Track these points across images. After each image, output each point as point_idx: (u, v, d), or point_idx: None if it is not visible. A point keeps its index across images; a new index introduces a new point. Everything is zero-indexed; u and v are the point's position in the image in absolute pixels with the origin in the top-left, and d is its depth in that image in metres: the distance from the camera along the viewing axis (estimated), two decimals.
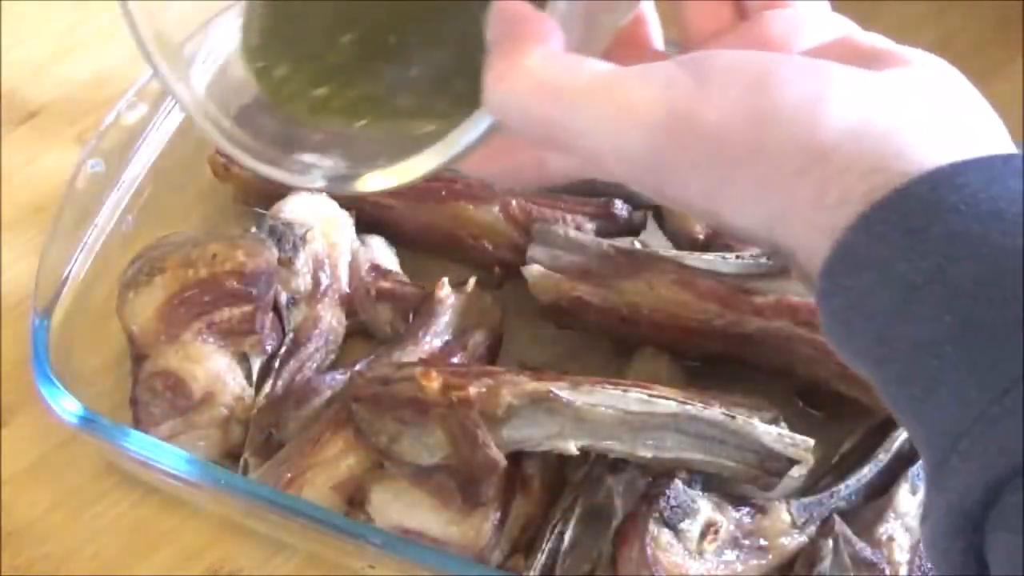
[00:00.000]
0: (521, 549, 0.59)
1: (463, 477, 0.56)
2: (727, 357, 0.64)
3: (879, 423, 0.63)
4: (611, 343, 0.67)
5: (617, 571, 0.58)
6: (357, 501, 0.60)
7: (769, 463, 0.58)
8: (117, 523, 0.65)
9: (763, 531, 0.59)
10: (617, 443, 0.57)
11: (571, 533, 0.58)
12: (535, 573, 0.57)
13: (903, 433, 0.63)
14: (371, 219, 0.71)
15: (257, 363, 0.65)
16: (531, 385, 0.57)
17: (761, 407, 0.59)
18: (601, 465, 0.60)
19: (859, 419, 0.64)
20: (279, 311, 0.66)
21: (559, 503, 0.60)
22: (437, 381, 0.57)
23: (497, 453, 0.56)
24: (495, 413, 0.57)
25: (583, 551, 0.59)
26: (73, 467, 0.66)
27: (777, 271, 0.62)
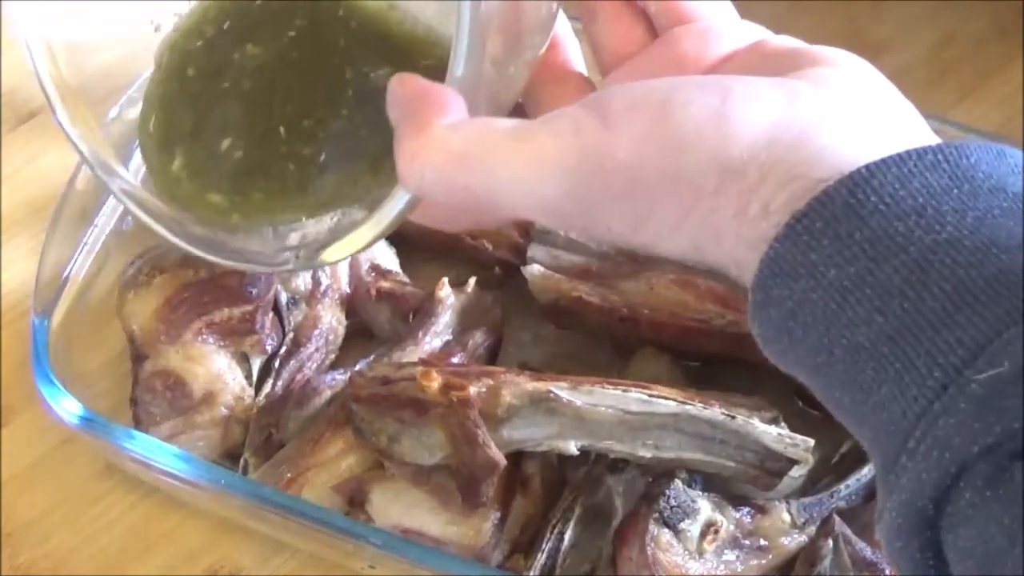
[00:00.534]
0: (521, 549, 0.59)
1: (463, 477, 0.56)
2: (727, 357, 0.64)
3: None
4: (611, 343, 0.67)
5: (617, 571, 0.58)
6: (357, 501, 0.60)
7: (769, 463, 0.58)
8: (117, 523, 0.65)
9: (763, 531, 0.59)
10: (617, 443, 0.57)
11: (571, 533, 0.58)
12: (535, 573, 0.57)
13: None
14: None
15: (257, 363, 0.65)
16: (531, 385, 0.57)
17: (761, 407, 0.59)
18: (601, 465, 0.60)
19: None
20: (279, 311, 0.66)
21: (559, 503, 0.60)
22: (437, 381, 0.57)
23: (497, 453, 0.56)
24: (495, 413, 0.57)
25: (583, 551, 0.59)
26: (73, 467, 0.66)
27: None
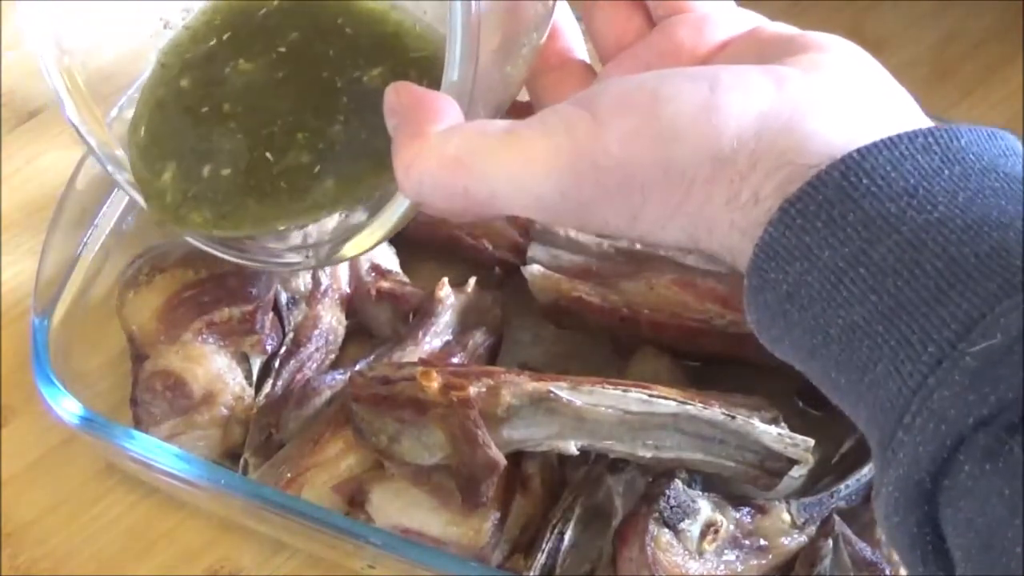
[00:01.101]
0: (521, 549, 0.59)
1: (463, 477, 0.56)
2: (727, 357, 0.64)
3: None
4: (611, 343, 0.67)
5: (617, 571, 0.58)
6: (357, 501, 0.60)
7: (769, 463, 0.58)
8: (117, 523, 0.65)
9: (763, 531, 0.59)
10: (617, 443, 0.57)
11: (571, 533, 0.58)
12: (535, 573, 0.57)
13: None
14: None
15: (257, 363, 0.65)
16: (531, 385, 0.57)
17: (761, 407, 0.59)
18: (601, 465, 0.60)
19: None
20: (279, 311, 0.66)
21: (559, 503, 0.60)
22: (437, 381, 0.57)
23: (497, 453, 0.56)
24: (495, 413, 0.57)
25: (583, 551, 0.59)
26: (73, 467, 0.66)
27: None
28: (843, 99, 0.36)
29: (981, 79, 0.81)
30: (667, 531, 0.57)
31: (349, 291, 0.68)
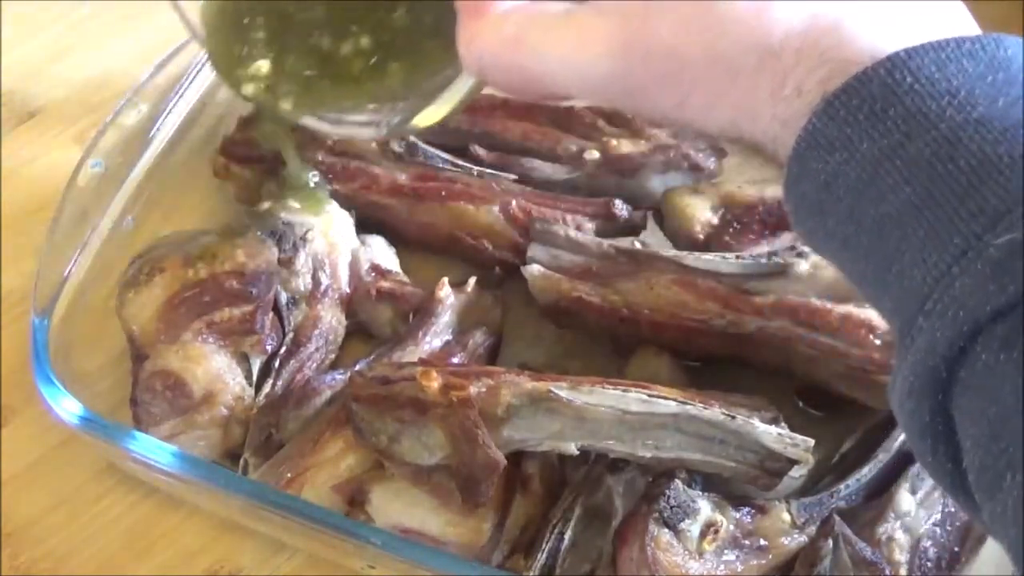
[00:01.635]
0: (521, 549, 0.59)
1: (463, 477, 0.56)
2: (727, 357, 0.64)
3: (879, 423, 0.63)
4: (611, 343, 0.67)
5: (617, 571, 0.58)
6: (357, 501, 0.60)
7: (769, 463, 0.58)
8: (117, 523, 0.65)
9: (763, 531, 0.59)
10: (617, 443, 0.57)
11: (571, 533, 0.58)
12: (535, 573, 0.57)
13: (903, 433, 0.62)
14: (371, 219, 0.71)
15: (257, 363, 0.65)
16: (531, 385, 0.57)
17: (761, 407, 0.59)
18: (601, 465, 0.60)
19: (859, 419, 0.64)
20: (279, 311, 0.66)
21: (559, 503, 0.60)
22: (437, 381, 0.57)
23: (497, 453, 0.56)
24: (495, 413, 0.57)
25: (583, 551, 0.59)
26: (73, 467, 0.66)
27: (777, 271, 0.62)
28: (891, 2, 0.37)
29: None
30: (667, 531, 0.57)
31: (349, 291, 0.68)
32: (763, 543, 0.59)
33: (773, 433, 0.57)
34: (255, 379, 0.65)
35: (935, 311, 0.32)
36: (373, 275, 0.69)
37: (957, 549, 0.60)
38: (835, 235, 0.36)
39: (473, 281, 0.68)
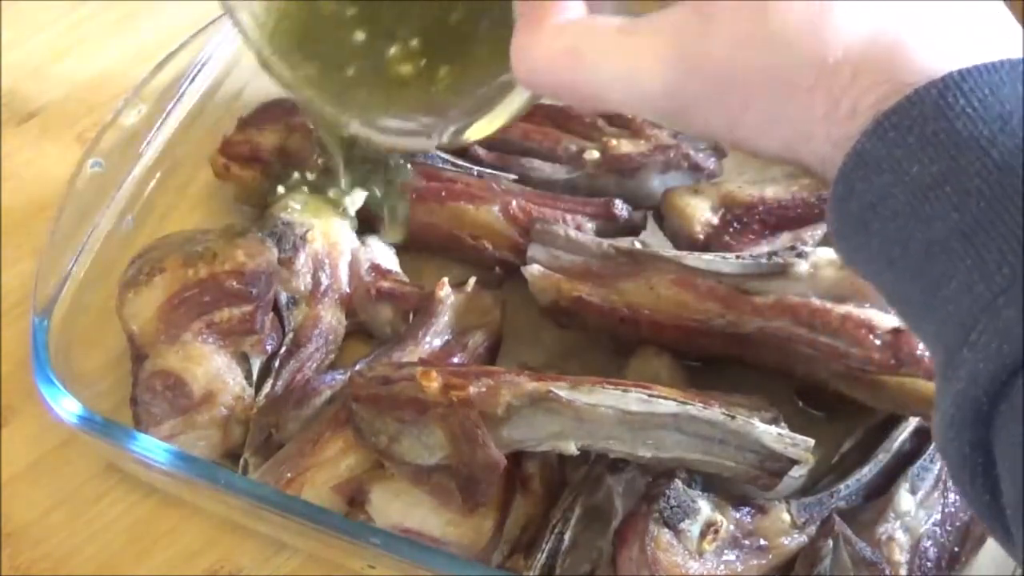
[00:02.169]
0: (521, 549, 0.59)
1: (463, 477, 0.56)
2: (727, 357, 0.64)
3: (879, 423, 0.63)
4: (611, 343, 0.67)
5: (617, 571, 0.58)
6: (357, 501, 0.60)
7: (769, 463, 0.58)
8: (117, 523, 0.65)
9: (763, 531, 0.59)
10: (617, 443, 0.57)
11: (571, 533, 0.58)
12: (535, 573, 0.57)
13: (903, 433, 0.63)
14: (371, 219, 0.71)
15: (257, 363, 0.65)
16: (531, 385, 0.57)
17: (761, 407, 0.59)
18: (601, 465, 0.60)
19: (859, 419, 0.64)
20: (279, 311, 0.66)
21: (559, 503, 0.60)
22: (437, 381, 0.57)
23: (497, 453, 0.56)
24: (495, 413, 0.57)
25: (583, 551, 0.59)
26: (73, 467, 0.66)
27: (777, 271, 0.62)
28: (950, 21, 0.36)
29: None
30: (667, 531, 0.57)
31: (349, 291, 0.68)
32: (763, 543, 0.59)
33: (773, 433, 0.57)
34: (255, 379, 0.65)
35: (979, 343, 0.32)
36: (373, 275, 0.69)
37: (957, 549, 0.60)
38: (879, 257, 0.36)
39: (473, 281, 0.68)
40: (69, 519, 0.65)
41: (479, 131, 0.49)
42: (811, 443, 0.58)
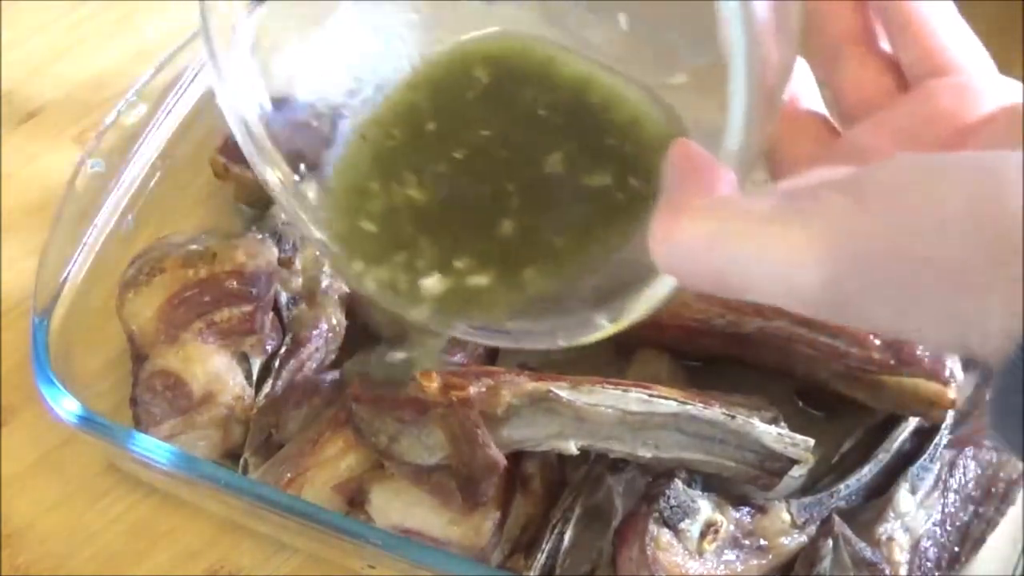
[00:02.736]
0: (521, 549, 0.59)
1: (463, 477, 0.56)
2: (727, 357, 0.64)
3: (879, 423, 0.63)
4: (611, 343, 0.66)
5: (617, 571, 0.58)
6: (357, 501, 0.60)
7: (769, 463, 0.58)
8: (117, 523, 0.65)
9: (763, 531, 0.59)
10: (617, 443, 0.57)
11: (571, 533, 0.58)
12: (535, 573, 0.57)
13: (903, 433, 0.63)
14: None
15: (257, 363, 0.65)
16: (531, 385, 0.57)
17: (761, 407, 0.59)
18: (601, 465, 0.60)
19: (859, 419, 0.64)
20: (279, 311, 0.66)
21: (559, 503, 0.60)
22: (437, 381, 0.57)
23: (497, 453, 0.56)
24: (495, 413, 0.57)
25: (583, 551, 0.59)
26: (73, 467, 0.66)
27: None
28: None
29: None
30: (667, 531, 0.57)
31: (349, 291, 0.68)
32: (763, 543, 0.59)
33: (773, 433, 0.57)
34: (255, 379, 0.65)
35: None
36: None
37: (957, 549, 0.60)
38: None
39: None
40: (69, 519, 0.64)
41: (604, 331, 0.43)
42: (811, 443, 0.58)
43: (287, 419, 0.62)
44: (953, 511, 0.60)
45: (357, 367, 0.64)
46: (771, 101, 0.36)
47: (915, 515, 0.60)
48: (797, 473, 0.59)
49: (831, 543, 0.58)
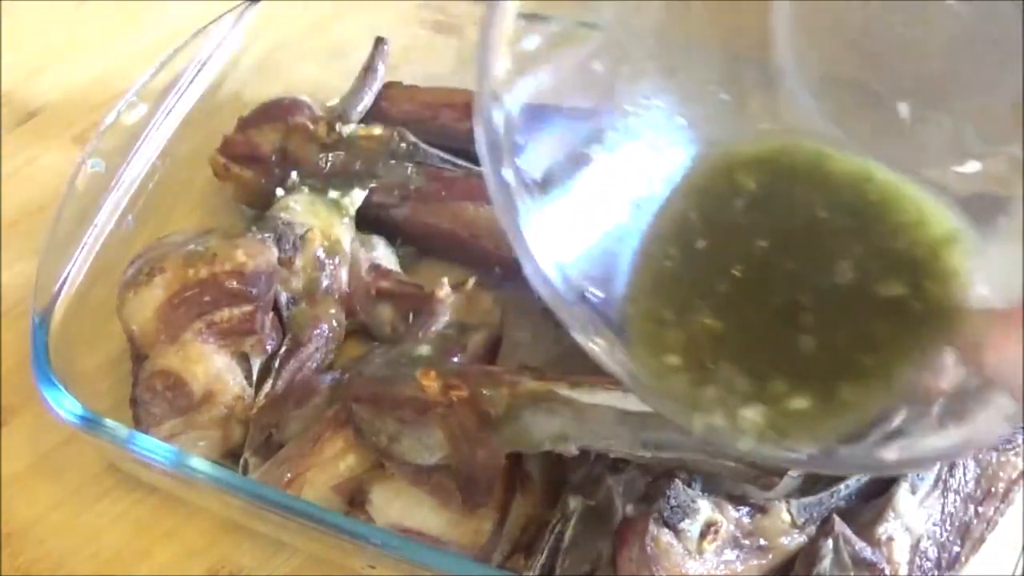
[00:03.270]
0: (521, 549, 0.59)
1: (463, 477, 0.56)
2: None
3: None
4: None
5: (617, 571, 0.58)
6: (357, 501, 0.60)
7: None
8: (117, 523, 0.65)
9: (763, 531, 0.59)
10: (617, 443, 0.57)
11: (571, 533, 0.58)
12: (535, 573, 0.57)
13: None
14: (371, 219, 0.71)
15: (257, 363, 0.65)
16: (531, 385, 0.57)
17: None
18: (601, 465, 0.60)
19: None
20: (279, 311, 0.66)
21: (559, 503, 0.60)
22: (437, 381, 0.57)
23: (497, 453, 0.56)
24: (495, 413, 0.57)
25: (583, 551, 0.59)
26: (73, 467, 0.66)
27: None
28: None
29: None
30: (667, 531, 0.57)
31: (349, 291, 0.68)
32: (763, 543, 0.59)
33: None
34: (255, 379, 0.65)
35: None
36: (373, 275, 0.69)
37: (957, 549, 0.60)
38: None
39: (473, 281, 0.68)
40: (69, 519, 0.65)
41: (887, 471, 0.40)
42: None
43: (287, 419, 0.62)
44: (953, 511, 0.60)
45: (357, 367, 0.64)
46: None
47: (915, 515, 0.60)
48: (797, 473, 0.58)
49: (831, 543, 0.58)
